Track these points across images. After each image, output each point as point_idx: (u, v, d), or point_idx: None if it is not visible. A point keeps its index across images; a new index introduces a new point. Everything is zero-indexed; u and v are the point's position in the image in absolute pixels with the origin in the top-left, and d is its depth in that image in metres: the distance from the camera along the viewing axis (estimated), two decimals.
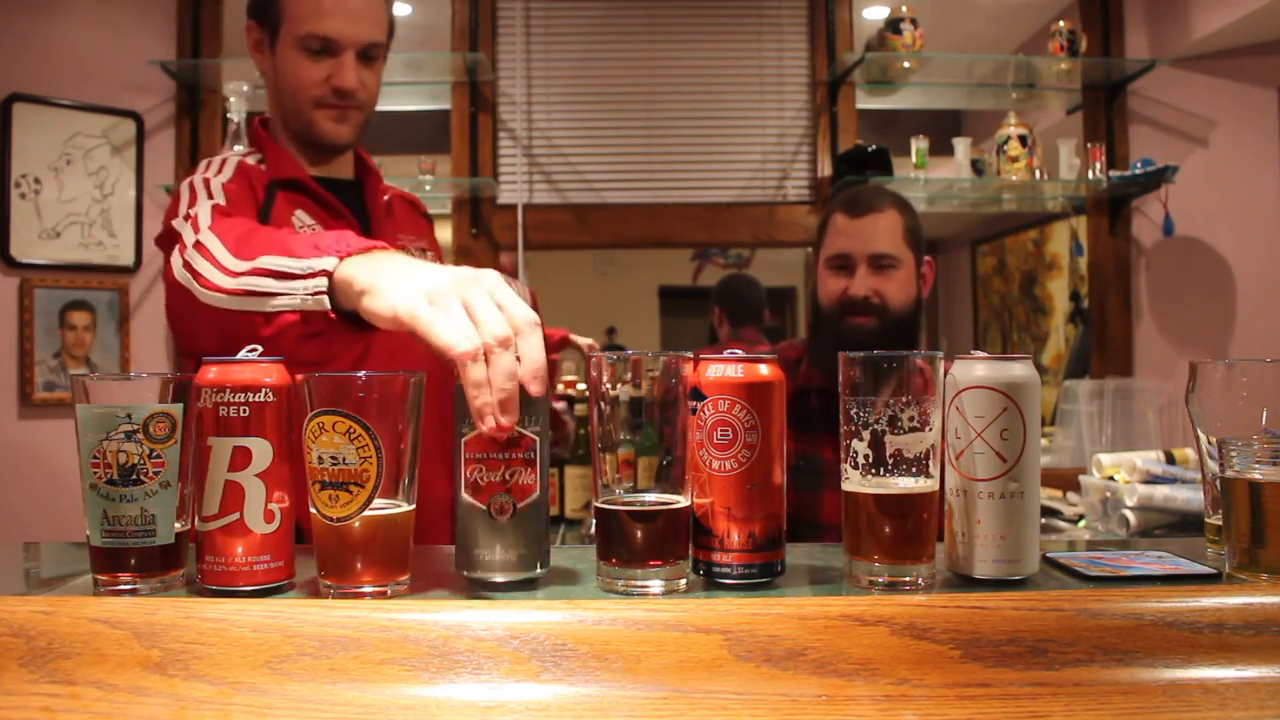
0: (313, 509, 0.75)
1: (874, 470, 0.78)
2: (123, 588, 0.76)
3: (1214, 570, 0.82)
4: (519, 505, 0.76)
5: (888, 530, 0.78)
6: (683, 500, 0.78)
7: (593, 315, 5.14)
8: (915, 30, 2.85)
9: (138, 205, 2.76)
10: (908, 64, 2.94)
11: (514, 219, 2.99)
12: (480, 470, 0.76)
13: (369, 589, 0.75)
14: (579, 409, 2.39)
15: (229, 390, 0.75)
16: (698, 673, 0.65)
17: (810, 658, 0.66)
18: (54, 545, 0.99)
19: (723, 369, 0.77)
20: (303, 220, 1.35)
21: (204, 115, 2.84)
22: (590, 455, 0.80)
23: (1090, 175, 2.92)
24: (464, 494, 0.77)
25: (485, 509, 0.76)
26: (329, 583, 0.75)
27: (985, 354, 0.80)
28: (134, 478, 0.75)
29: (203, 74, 2.81)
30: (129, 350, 2.74)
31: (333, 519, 0.74)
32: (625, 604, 0.70)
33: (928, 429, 0.78)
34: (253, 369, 0.76)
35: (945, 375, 0.81)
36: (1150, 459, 2.18)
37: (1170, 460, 2.20)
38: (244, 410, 0.75)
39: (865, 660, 0.66)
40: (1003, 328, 4.94)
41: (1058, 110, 3.40)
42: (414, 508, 0.77)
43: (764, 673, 0.65)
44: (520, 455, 0.76)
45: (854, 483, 0.80)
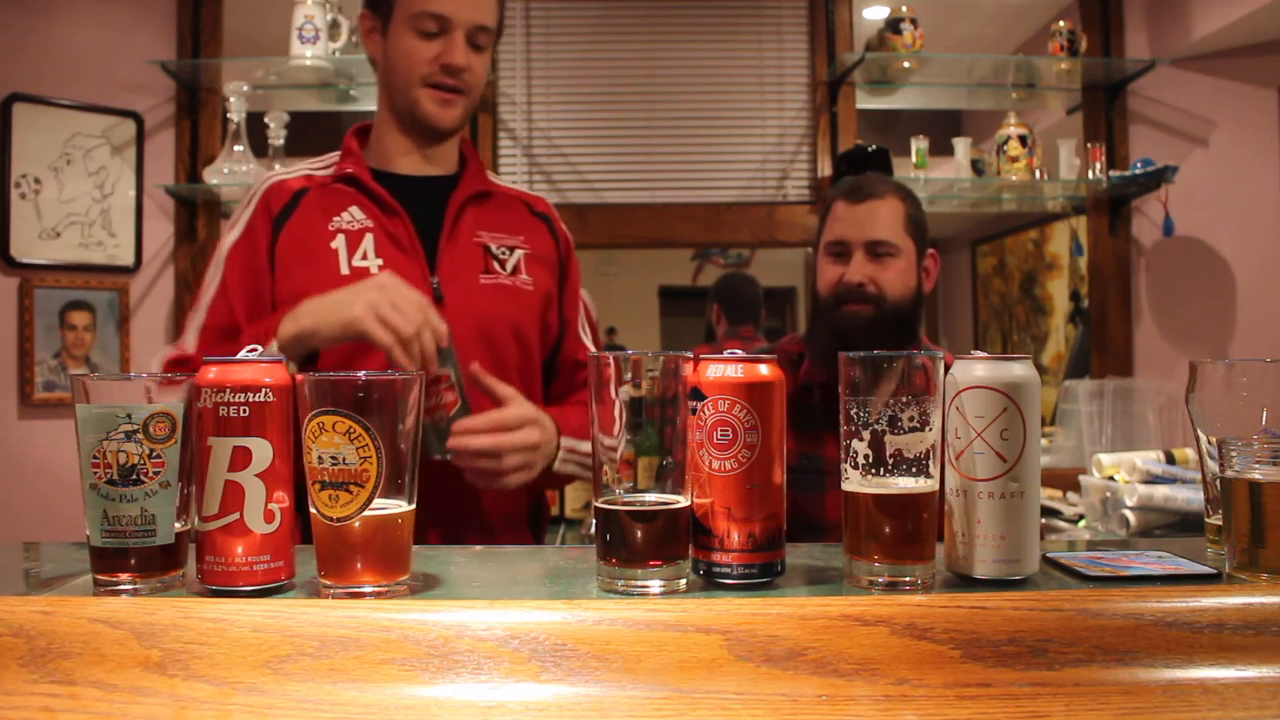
0: (313, 509, 0.75)
1: (874, 470, 0.78)
2: (123, 588, 0.76)
3: (1214, 570, 0.82)
4: (450, 415, 1.23)
5: (888, 530, 0.78)
6: (683, 500, 0.78)
7: None
8: (915, 30, 2.85)
9: (138, 205, 2.76)
10: (908, 64, 2.94)
11: None
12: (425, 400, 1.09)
13: (369, 589, 0.75)
14: None
15: (229, 390, 0.75)
16: (698, 673, 0.65)
17: (810, 658, 0.66)
18: (54, 545, 0.99)
19: (723, 369, 0.77)
20: (354, 216, 1.38)
21: (204, 115, 2.83)
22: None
23: (1090, 175, 2.92)
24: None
25: (432, 422, 1.22)
26: (329, 583, 0.75)
27: (985, 354, 0.80)
28: (134, 478, 0.75)
29: (203, 74, 2.80)
30: (129, 350, 2.74)
31: (333, 519, 0.74)
32: (625, 604, 0.70)
33: (928, 429, 0.78)
34: (253, 369, 0.76)
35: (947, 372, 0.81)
36: (1150, 459, 2.18)
37: (1170, 460, 2.20)
38: (244, 410, 0.75)
39: (865, 660, 0.66)
40: (1003, 328, 4.94)
41: (1058, 110, 3.40)
42: (414, 508, 0.77)
43: (764, 673, 0.65)
44: (444, 385, 1.22)
45: (854, 483, 0.80)
